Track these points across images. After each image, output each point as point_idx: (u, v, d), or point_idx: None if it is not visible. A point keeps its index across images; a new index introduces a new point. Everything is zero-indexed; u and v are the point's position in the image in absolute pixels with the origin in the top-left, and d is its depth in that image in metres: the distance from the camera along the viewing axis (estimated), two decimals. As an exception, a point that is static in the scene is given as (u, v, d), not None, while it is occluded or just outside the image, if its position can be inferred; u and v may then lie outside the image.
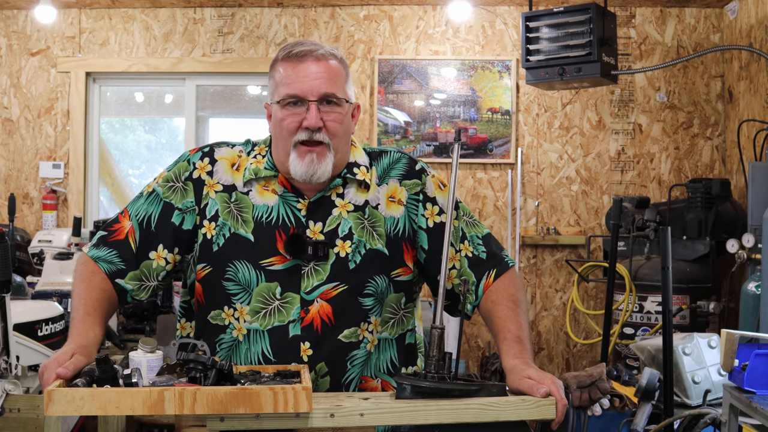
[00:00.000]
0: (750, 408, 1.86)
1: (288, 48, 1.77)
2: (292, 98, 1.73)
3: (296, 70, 1.74)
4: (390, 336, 1.83)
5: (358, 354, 1.76)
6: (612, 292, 3.71)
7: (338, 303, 1.74)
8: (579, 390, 1.57)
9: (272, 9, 5.00)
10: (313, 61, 1.74)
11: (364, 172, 1.82)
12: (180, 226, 1.79)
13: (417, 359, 1.92)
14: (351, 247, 1.76)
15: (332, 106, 1.74)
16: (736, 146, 4.44)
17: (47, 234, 4.16)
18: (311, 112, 1.71)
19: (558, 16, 4.00)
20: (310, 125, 1.71)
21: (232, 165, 1.83)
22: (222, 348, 1.77)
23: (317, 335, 1.72)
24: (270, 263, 1.74)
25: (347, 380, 1.76)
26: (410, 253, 1.83)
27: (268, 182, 1.80)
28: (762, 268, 3.15)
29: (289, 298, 1.73)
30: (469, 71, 4.92)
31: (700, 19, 4.88)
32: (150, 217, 1.79)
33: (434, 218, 1.85)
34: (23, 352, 1.86)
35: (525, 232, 4.91)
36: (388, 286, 1.79)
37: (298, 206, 1.78)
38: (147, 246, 1.79)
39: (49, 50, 5.06)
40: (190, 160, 1.83)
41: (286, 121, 1.74)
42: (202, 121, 5.35)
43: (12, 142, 5.07)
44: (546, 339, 4.92)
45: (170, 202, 1.80)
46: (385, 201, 1.82)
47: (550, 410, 1.51)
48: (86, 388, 1.39)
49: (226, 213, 1.78)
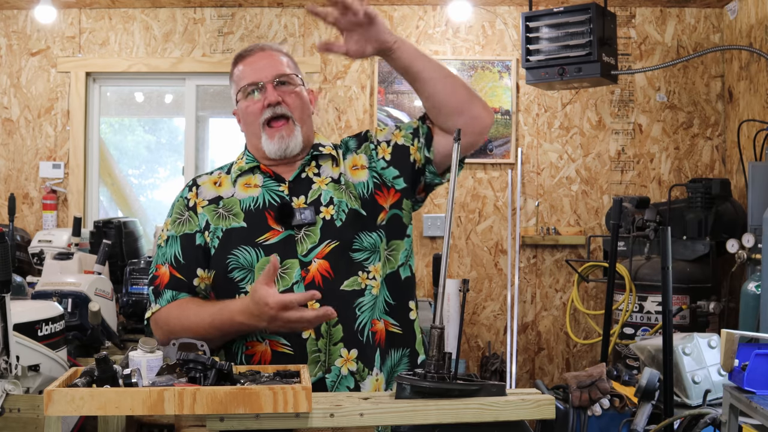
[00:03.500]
0: (750, 408, 1.86)
1: (237, 53, 2.04)
2: (251, 86, 1.95)
3: (248, 63, 1.98)
4: (382, 275, 1.94)
5: (365, 300, 1.88)
6: (612, 292, 3.71)
7: (333, 258, 1.87)
8: (579, 390, 1.57)
9: (272, 9, 5.00)
10: (260, 52, 1.99)
11: (330, 149, 2.02)
12: (205, 246, 1.94)
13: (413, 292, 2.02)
14: (334, 210, 1.91)
15: (287, 86, 1.96)
16: (736, 146, 4.44)
17: (47, 234, 4.15)
18: (269, 90, 1.93)
19: (558, 16, 4.00)
20: (271, 101, 1.92)
21: (214, 183, 2.01)
22: (241, 336, 1.85)
23: (320, 289, 1.82)
24: (265, 239, 1.88)
25: (359, 326, 1.86)
26: (386, 194, 1.97)
27: (249, 180, 1.97)
28: (762, 268, 3.15)
29: (288, 264, 1.86)
30: (469, 71, 4.92)
31: (700, 19, 4.88)
32: (176, 255, 1.94)
33: (387, 151, 2.00)
34: (23, 352, 1.86)
35: (525, 232, 4.91)
36: (378, 238, 1.92)
37: (280, 189, 1.95)
38: (190, 276, 1.92)
39: (49, 50, 5.06)
40: (183, 196, 2.02)
41: (249, 108, 1.96)
42: (202, 121, 5.34)
43: (12, 142, 5.07)
44: (546, 339, 4.92)
45: (186, 232, 1.95)
46: (350, 171, 1.99)
47: (550, 410, 1.51)
48: (86, 388, 1.39)
49: (216, 218, 1.94)
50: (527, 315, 4.93)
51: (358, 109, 4.97)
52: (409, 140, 2.00)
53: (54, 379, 1.62)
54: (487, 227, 4.95)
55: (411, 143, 1.99)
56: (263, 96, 1.93)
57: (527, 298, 4.93)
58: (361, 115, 4.97)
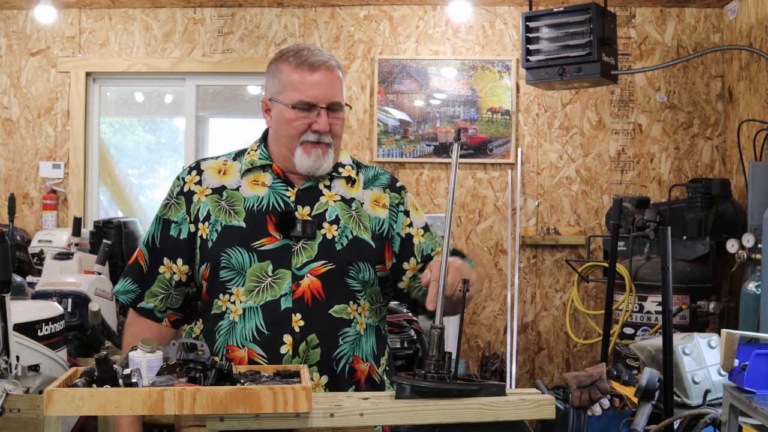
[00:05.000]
0: (750, 408, 1.86)
1: (299, 54, 1.89)
2: (305, 105, 1.87)
3: (311, 79, 1.87)
4: (372, 323, 1.93)
5: (350, 332, 1.86)
6: (612, 292, 3.71)
7: (327, 280, 1.84)
8: (579, 390, 1.57)
9: (272, 9, 5.00)
10: (325, 71, 1.89)
11: (349, 170, 1.98)
12: (178, 237, 1.91)
13: (386, 350, 2.00)
14: (337, 231, 1.88)
15: (336, 112, 1.91)
16: (736, 146, 4.44)
17: (47, 234, 4.15)
18: (322, 118, 1.87)
19: (558, 16, 4.00)
20: (321, 130, 1.87)
21: (218, 171, 1.96)
22: (220, 335, 1.84)
23: (308, 308, 1.82)
24: (261, 244, 1.85)
25: (338, 356, 1.84)
26: (389, 252, 1.95)
27: (258, 177, 1.93)
28: (762, 268, 3.15)
29: (280, 274, 1.83)
30: (469, 71, 4.92)
31: (700, 19, 4.88)
32: (153, 236, 1.94)
33: (406, 230, 1.97)
34: (23, 352, 1.86)
35: (525, 232, 4.91)
36: (374, 278, 1.90)
37: (287, 194, 1.91)
38: (156, 262, 1.92)
39: (49, 50, 5.06)
40: (180, 177, 1.98)
41: (296, 122, 1.88)
42: (202, 121, 5.35)
43: (12, 142, 5.07)
44: (546, 339, 4.92)
45: (167, 218, 1.94)
46: (370, 203, 1.96)
47: (550, 410, 1.51)
48: (86, 388, 1.39)
49: (218, 210, 1.90)
50: (527, 315, 4.93)
51: (358, 109, 4.97)
52: (419, 253, 1.96)
53: (54, 379, 1.62)
54: (487, 227, 4.95)
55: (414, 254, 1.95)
56: (314, 118, 1.87)
57: (527, 298, 4.93)
58: (361, 115, 4.97)
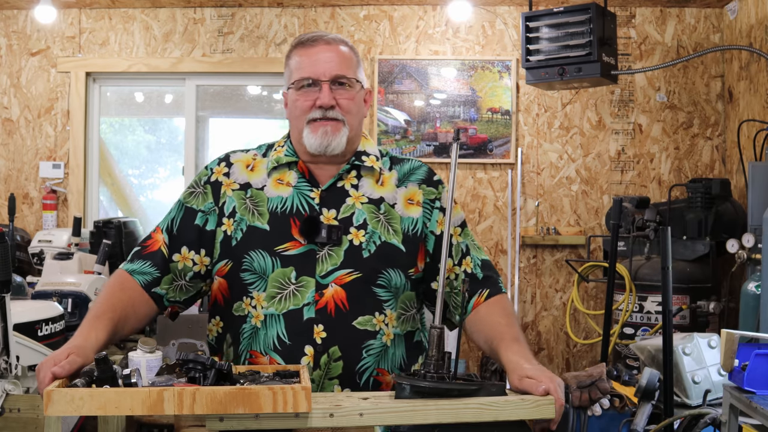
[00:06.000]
0: (750, 408, 1.86)
1: (300, 37, 1.89)
2: (305, 80, 1.82)
3: (308, 54, 1.84)
4: (401, 332, 1.86)
5: (375, 344, 1.79)
6: (612, 292, 3.70)
7: (352, 289, 1.78)
8: (579, 390, 1.57)
9: (272, 9, 5.00)
10: (324, 45, 1.84)
11: (374, 161, 1.89)
12: (204, 227, 1.86)
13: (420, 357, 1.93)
14: (365, 237, 1.81)
15: (344, 87, 1.83)
16: (736, 146, 4.44)
17: (47, 234, 4.16)
18: (324, 91, 1.81)
19: (558, 16, 4.00)
20: (323, 104, 1.80)
21: (246, 166, 1.91)
22: (244, 338, 1.81)
23: (331, 319, 1.76)
24: (285, 249, 1.79)
25: (362, 368, 1.78)
26: (422, 252, 1.88)
27: (283, 176, 1.87)
28: (762, 268, 3.15)
29: (304, 281, 1.77)
30: (469, 71, 4.92)
31: (700, 19, 4.87)
32: (173, 222, 1.88)
33: (442, 227, 1.89)
34: (23, 352, 1.86)
35: (525, 232, 4.91)
36: (405, 283, 1.84)
37: (311, 195, 1.84)
38: (172, 249, 1.86)
39: (49, 50, 5.06)
40: (208, 167, 1.93)
41: (299, 101, 1.83)
42: (202, 121, 5.35)
43: (12, 142, 5.07)
44: (546, 339, 4.92)
45: (192, 206, 1.88)
46: (404, 202, 1.88)
47: (549, 410, 1.51)
48: (86, 389, 1.39)
49: (243, 209, 1.84)
50: (527, 315, 4.93)
51: (358, 109, 4.97)
52: (457, 254, 1.91)
53: (54, 379, 1.62)
54: (487, 227, 4.95)
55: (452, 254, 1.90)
56: (317, 95, 1.81)
57: (527, 298, 4.93)
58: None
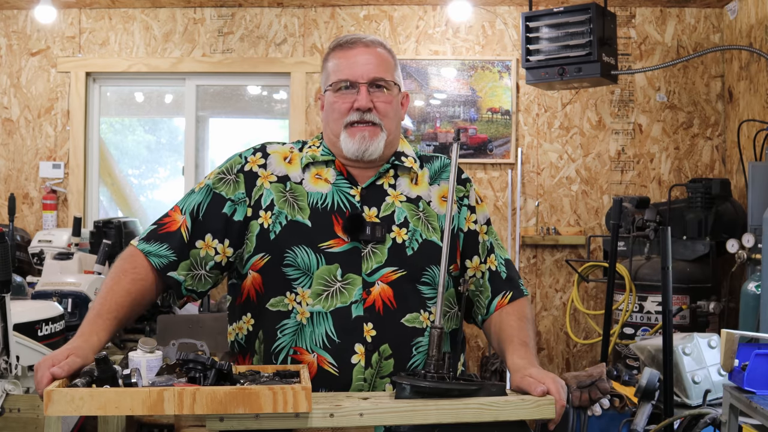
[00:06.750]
0: (750, 408, 1.86)
1: (338, 39, 1.88)
2: (343, 82, 1.82)
3: (347, 56, 1.84)
4: (446, 329, 1.85)
5: (423, 342, 1.79)
6: (612, 292, 3.70)
7: (398, 287, 1.78)
8: (579, 390, 1.57)
9: (272, 9, 5.00)
10: (362, 47, 1.84)
11: (412, 162, 1.90)
12: (231, 216, 1.82)
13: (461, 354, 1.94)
14: (407, 235, 1.81)
15: (382, 90, 1.83)
16: (736, 146, 4.44)
17: (47, 234, 4.16)
18: (362, 93, 1.80)
19: (558, 16, 4.00)
20: (361, 106, 1.80)
21: (284, 158, 1.89)
22: (285, 333, 1.77)
23: (380, 317, 1.76)
24: (329, 246, 1.78)
25: (412, 366, 1.77)
26: (458, 250, 1.90)
27: (321, 172, 1.86)
28: (762, 268, 3.15)
29: (350, 279, 1.77)
30: (469, 71, 4.92)
31: (700, 19, 4.88)
32: (199, 207, 1.83)
33: (470, 225, 1.92)
34: (23, 352, 1.86)
35: (525, 232, 4.91)
36: (448, 280, 1.84)
37: (351, 192, 1.84)
38: (195, 235, 1.81)
39: (49, 50, 5.06)
40: (242, 155, 1.89)
41: (337, 103, 1.83)
42: (202, 121, 5.35)
43: (12, 142, 5.07)
44: (546, 339, 4.92)
45: (221, 193, 1.83)
46: (438, 200, 1.89)
47: (549, 410, 1.51)
48: (86, 388, 1.39)
49: (282, 202, 1.82)
50: (527, 315, 4.93)
51: (358, 109, 4.96)
52: (483, 252, 1.91)
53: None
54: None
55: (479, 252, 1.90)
56: (354, 97, 1.81)
57: (527, 298, 4.93)
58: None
